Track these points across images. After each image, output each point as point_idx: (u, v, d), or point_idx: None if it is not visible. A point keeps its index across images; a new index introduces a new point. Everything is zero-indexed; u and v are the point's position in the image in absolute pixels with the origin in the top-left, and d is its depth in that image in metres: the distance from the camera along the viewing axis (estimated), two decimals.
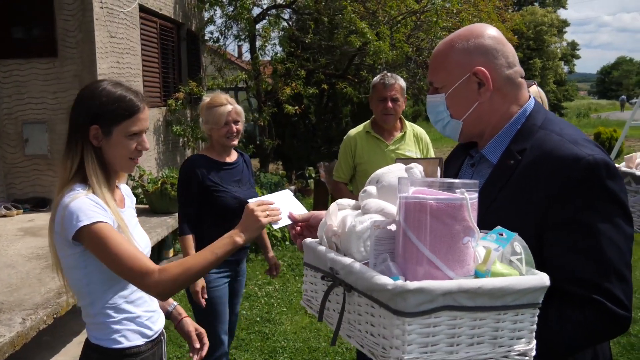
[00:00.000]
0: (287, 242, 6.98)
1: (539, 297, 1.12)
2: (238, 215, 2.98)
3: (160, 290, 1.62)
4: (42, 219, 6.13)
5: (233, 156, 3.18)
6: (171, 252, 6.40)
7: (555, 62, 37.56)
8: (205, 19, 10.27)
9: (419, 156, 3.44)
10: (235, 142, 3.08)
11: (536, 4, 41.16)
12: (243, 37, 10.05)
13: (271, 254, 3.38)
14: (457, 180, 1.15)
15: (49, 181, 6.76)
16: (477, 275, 1.11)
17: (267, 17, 10.27)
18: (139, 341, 1.83)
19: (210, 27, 10.00)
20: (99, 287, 1.73)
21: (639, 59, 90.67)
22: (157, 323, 1.94)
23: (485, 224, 1.22)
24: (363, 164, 3.45)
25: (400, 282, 1.04)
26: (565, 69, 44.98)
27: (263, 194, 7.76)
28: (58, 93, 6.61)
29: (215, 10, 9.82)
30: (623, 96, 53.02)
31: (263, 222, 1.74)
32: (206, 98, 3.09)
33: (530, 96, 1.45)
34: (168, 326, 4.77)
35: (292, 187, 10.63)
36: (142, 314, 1.86)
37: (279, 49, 10.32)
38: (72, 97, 6.63)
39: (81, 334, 4.34)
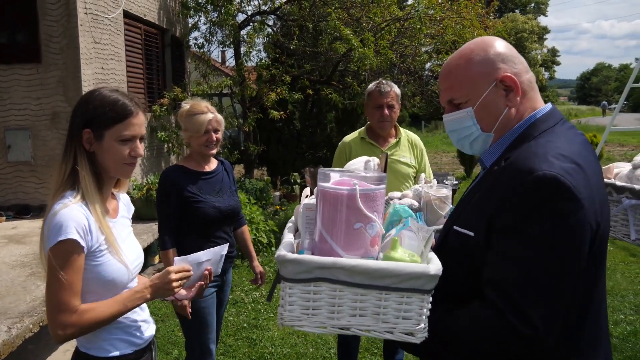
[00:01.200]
0: (273, 248, 6.98)
1: (424, 284, 1.23)
2: (219, 226, 3.02)
3: (68, 333, 1.65)
4: (25, 226, 6.06)
5: (212, 164, 3.12)
6: (157, 259, 6.37)
7: (536, 69, 38.04)
8: (190, 25, 10.25)
9: (413, 162, 3.48)
10: (215, 151, 3.04)
11: (517, 11, 41.70)
12: (228, 43, 10.04)
13: (256, 262, 3.37)
14: (370, 174, 1.35)
15: (32, 188, 6.69)
16: (378, 258, 1.29)
17: (251, 24, 10.28)
18: (128, 350, 1.83)
19: (195, 33, 9.96)
20: (88, 296, 1.72)
21: (617, 65, 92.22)
22: (147, 332, 1.94)
23: (460, 219, 1.43)
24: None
25: (283, 252, 1.26)
26: (546, 75, 45.57)
27: (249, 200, 7.76)
28: (42, 99, 6.55)
29: (200, 16, 9.81)
30: (604, 102, 54.17)
31: (174, 292, 1.85)
32: (186, 105, 3.01)
33: (542, 102, 1.47)
34: (155, 334, 4.72)
35: (277, 193, 10.64)
36: (131, 323, 1.86)
37: (263, 55, 10.34)
38: (56, 103, 6.59)
39: (67, 342, 4.30)
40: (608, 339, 1.46)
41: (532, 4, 44.16)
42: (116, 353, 1.80)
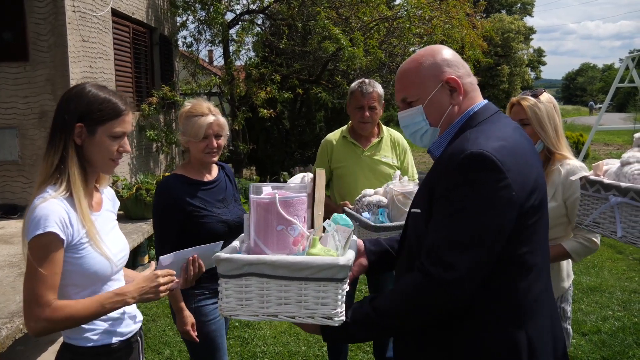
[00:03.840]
0: None
1: (336, 273, 1.44)
2: (227, 242, 2.48)
3: (39, 326, 1.65)
4: (13, 226, 5.99)
5: (214, 172, 2.74)
6: (146, 259, 6.33)
7: (522, 69, 38.32)
8: (178, 24, 10.21)
9: (394, 162, 3.48)
10: (216, 159, 2.67)
11: (503, 12, 41.99)
12: (217, 42, 10.02)
13: None
14: (292, 185, 1.62)
15: (19, 187, 6.63)
16: (299, 254, 1.52)
17: (240, 23, 10.26)
18: (111, 340, 1.85)
19: (184, 32, 9.92)
20: (70, 289, 1.75)
21: (602, 66, 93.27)
22: (133, 325, 1.96)
23: (413, 203, 1.69)
24: (339, 168, 3.49)
25: (218, 253, 1.51)
26: (532, 75, 45.93)
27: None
28: (29, 97, 6.48)
29: (188, 15, 9.78)
30: (592, 102, 55.07)
31: (160, 297, 1.84)
32: (187, 105, 2.65)
33: (481, 99, 1.66)
34: (146, 333, 4.71)
35: None
36: (116, 315, 1.88)
37: (252, 54, 10.33)
38: (44, 102, 6.52)
39: (57, 342, 4.27)
40: (551, 301, 1.63)
41: (519, 5, 44.47)
42: (99, 343, 1.83)
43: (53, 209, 1.67)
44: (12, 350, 3.54)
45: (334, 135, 3.59)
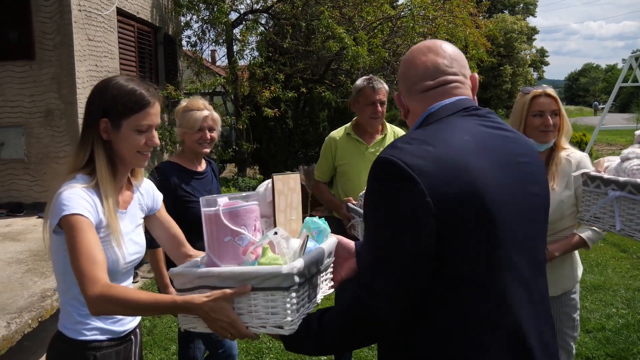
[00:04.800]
0: None
1: (281, 282, 1.42)
2: None
3: (95, 303, 1.56)
4: (19, 223, 6.03)
5: (203, 165, 3.04)
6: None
7: (525, 69, 38.34)
8: (182, 23, 10.25)
9: None
10: (208, 150, 2.95)
11: (506, 12, 42.00)
12: (221, 41, 10.06)
13: None
14: (239, 195, 1.60)
15: (25, 185, 6.66)
16: (248, 264, 1.49)
17: (244, 22, 10.29)
18: (102, 337, 1.83)
19: (188, 32, 9.97)
20: (73, 277, 1.70)
21: (605, 66, 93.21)
22: (128, 324, 1.93)
23: None
24: (343, 165, 3.50)
25: (172, 269, 1.55)
26: (535, 75, 45.90)
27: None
28: (35, 96, 6.52)
29: (192, 14, 9.82)
30: (596, 102, 55.41)
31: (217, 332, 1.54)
32: (183, 102, 2.95)
33: (445, 99, 1.48)
34: (152, 329, 4.72)
35: None
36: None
37: (256, 53, 10.37)
38: (49, 100, 6.57)
39: None
40: (518, 317, 1.33)
41: (521, 5, 44.48)
42: (89, 338, 1.81)
43: (78, 194, 1.67)
44: (20, 346, 3.57)
45: (337, 133, 3.60)
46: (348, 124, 3.61)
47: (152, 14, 9.12)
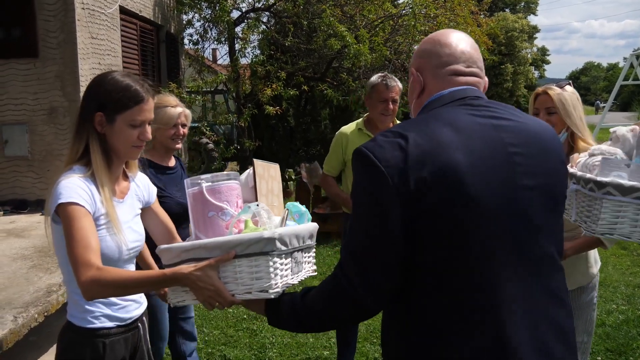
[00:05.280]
0: None
1: (264, 246, 1.51)
2: (179, 223, 2.78)
3: (88, 287, 1.61)
4: (23, 220, 6.07)
5: (172, 160, 3.08)
6: None
7: (526, 67, 38.28)
8: (184, 21, 10.28)
9: None
10: (180, 146, 3.00)
11: (507, 10, 41.96)
12: (223, 39, 10.08)
13: None
14: (220, 174, 1.71)
15: (29, 183, 6.70)
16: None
17: (246, 20, 10.32)
18: (109, 324, 1.88)
19: (190, 30, 10.01)
20: None
21: (606, 65, 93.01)
22: (134, 311, 1.99)
23: None
24: None
25: (160, 246, 1.63)
26: (536, 74, 45.86)
27: None
28: (39, 94, 6.55)
29: (195, 12, 9.85)
30: (598, 101, 55.66)
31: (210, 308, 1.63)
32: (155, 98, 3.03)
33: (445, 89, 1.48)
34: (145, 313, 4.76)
35: None
36: (117, 301, 1.91)
37: (258, 51, 10.39)
38: (53, 98, 6.60)
39: None
40: (502, 315, 1.28)
41: (522, 3, 44.41)
42: (97, 325, 1.86)
43: (75, 182, 1.73)
44: (26, 340, 3.60)
45: (348, 128, 3.66)
46: (359, 120, 3.67)
47: (154, 12, 9.15)
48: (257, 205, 1.65)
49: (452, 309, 1.29)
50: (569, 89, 2.63)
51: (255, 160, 1.87)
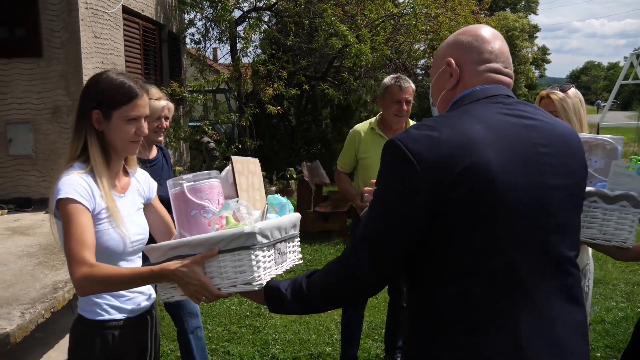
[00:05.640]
0: None
1: (245, 241, 1.59)
2: None
3: (80, 284, 1.68)
4: (27, 218, 6.12)
5: (153, 152, 3.10)
6: None
7: (527, 67, 38.29)
8: (186, 21, 10.32)
9: None
10: (162, 139, 3.04)
11: (507, 10, 41.96)
12: (224, 39, 10.12)
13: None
14: (200, 173, 1.77)
15: (33, 181, 6.75)
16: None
17: (247, 20, 10.35)
18: (119, 316, 1.93)
19: (192, 29, 10.04)
20: None
21: (606, 64, 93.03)
22: (143, 303, 2.04)
23: None
24: (365, 158, 3.64)
25: (147, 245, 1.73)
26: (536, 73, 45.91)
27: None
28: (43, 93, 6.60)
29: (197, 12, 9.88)
30: (599, 100, 55.81)
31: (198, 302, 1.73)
32: None
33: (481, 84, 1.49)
34: (160, 322, 4.81)
35: (273, 188, 10.71)
36: (126, 293, 1.97)
37: (259, 50, 10.42)
38: (57, 97, 6.65)
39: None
40: (524, 313, 1.31)
41: (523, 3, 44.41)
42: (107, 317, 1.91)
43: (74, 179, 1.79)
44: (32, 337, 3.65)
45: (362, 127, 3.73)
46: (373, 119, 3.74)
47: (156, 11, 9.20)
48: (237, 201, 1.72)
49: (474, 307, 1.30)
50: (572, 92, 2.71)
51: (232, 157, 1.95)
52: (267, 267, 1.66)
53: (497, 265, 1.30)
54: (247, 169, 1.98)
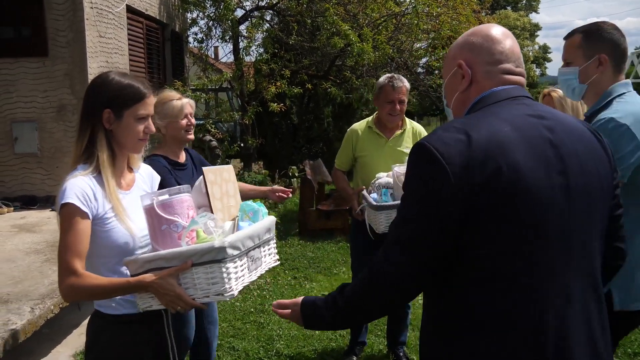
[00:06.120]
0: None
1: (216, 255, 1.70)
2: None
3: (65, 292, 1.80)
4: (33, 216, 6.18)
5: (183, 156, 3.06)
6: None
7: (528, 65, 38.35)
8: (189, 20, 10.37)
9: None
10: (192, 137, 3.02)
11: (509, 8, 41.96)
12: (227, 38, 10.16)
13: (267, 187, 3.33)
14: (182, 187, 1.90)
15: (38, 179, 6.81)
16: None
17: (249, 19, 10.40)
18: (133, 310, 1.97)
19: (194, 28, 10.08)
20: (98, 260, 1.91)
21: None
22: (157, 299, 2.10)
23: None
24: (363, 157, 3.69)
25: (126, 257, 1.82)
26: (537, 71, 45.91)
27: None
28: (48, 92, 6.67)
29: (199, 11, 9.93)
30: None
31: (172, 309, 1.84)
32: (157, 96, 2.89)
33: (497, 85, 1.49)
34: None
35: (275, 186, 10.74)
36: None
37: (261, 49, 10.46)
38: (62, 96, 6.72)
39: (80, 326, 4.45)
40: (558, 311, 1.33)
41: (524, 1, 44.44)
42: (122, 312, 1.97)
43: (76, 183, 1.83)
44: (39, 333, 3.72)
45: (359, 125, 3.79)
46: (370, 118, 3.80)
47: (159, 10, 9.25)
48: (205, 215, 1.83)
49: (504, 305, 1.31)
50: (553, 92, 2.79)
51: (204, 168, 2.04)
52: (240, 277, 1.80)
53: (524, 267, 1.31)
54: (221, 178, 2.08)
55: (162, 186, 2.75)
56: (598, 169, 1.42)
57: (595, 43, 2.21)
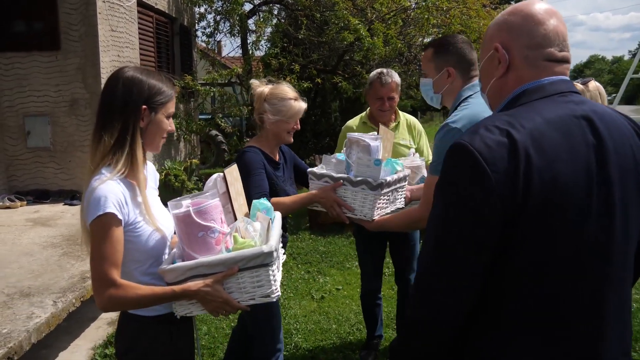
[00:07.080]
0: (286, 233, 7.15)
1: (264, 260, 1.73)
2: (285, 217, 2.75)
3: (104, 304, 1.74)
4: (47, 210, 6.20)
5: (277, 153, 2.95)
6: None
7: None
8: (197, 14, 10.35)
9: (412, 143, 3.68)
10: (292, 140, 2.88)
11: (513, 3, 41.81)
12: (235, 32, 10.14)
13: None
14: (207, 193, 1.87)
15: (51, 173, 6.83)
16: (224, 252, 1.78)
17: (258, 13, 10.37)
18: (164, 311, 1.95)
19: (203, 22, 10.04)
20: (132, 264, 1.86)
21: (610, 58, 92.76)
22: None
23: None
24: None
25: (162, 266, 1.80)
26: None
27: None
28: (60, 86, 6.67)
29: (207, 6, 9.91)
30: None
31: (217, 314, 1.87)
32: (266, 87, 2.82)
33: (543, 76, 1.36)
34: None
35: None
36: None
37: (269, 44, 10.44)
38: (75, 90, 6.73)
39: (98, 319, 4.47)
40: (596, 323, 1.28)
41: None
42: (161, 312, 1.94)
43: (111, 189, 1.74)
44: (58, 326, 3.74)
45: (353, 122, 3.81)
46: (364, 113, 3.81)
47: (169, 4, 9.25)
48: (244, 220, 1.88)
49: (543, 316, 1.26)
50: (592, 85, 2.77)
51: (225, 170, 2.04)
52: (278, 278, 1.83)
53: (571, 275, 1.26)
54: (233, 177, 2.09)
55: (265, 170, 2.70)
56: (633, 168, 1.33)
57: (444, 57, 2.33)
